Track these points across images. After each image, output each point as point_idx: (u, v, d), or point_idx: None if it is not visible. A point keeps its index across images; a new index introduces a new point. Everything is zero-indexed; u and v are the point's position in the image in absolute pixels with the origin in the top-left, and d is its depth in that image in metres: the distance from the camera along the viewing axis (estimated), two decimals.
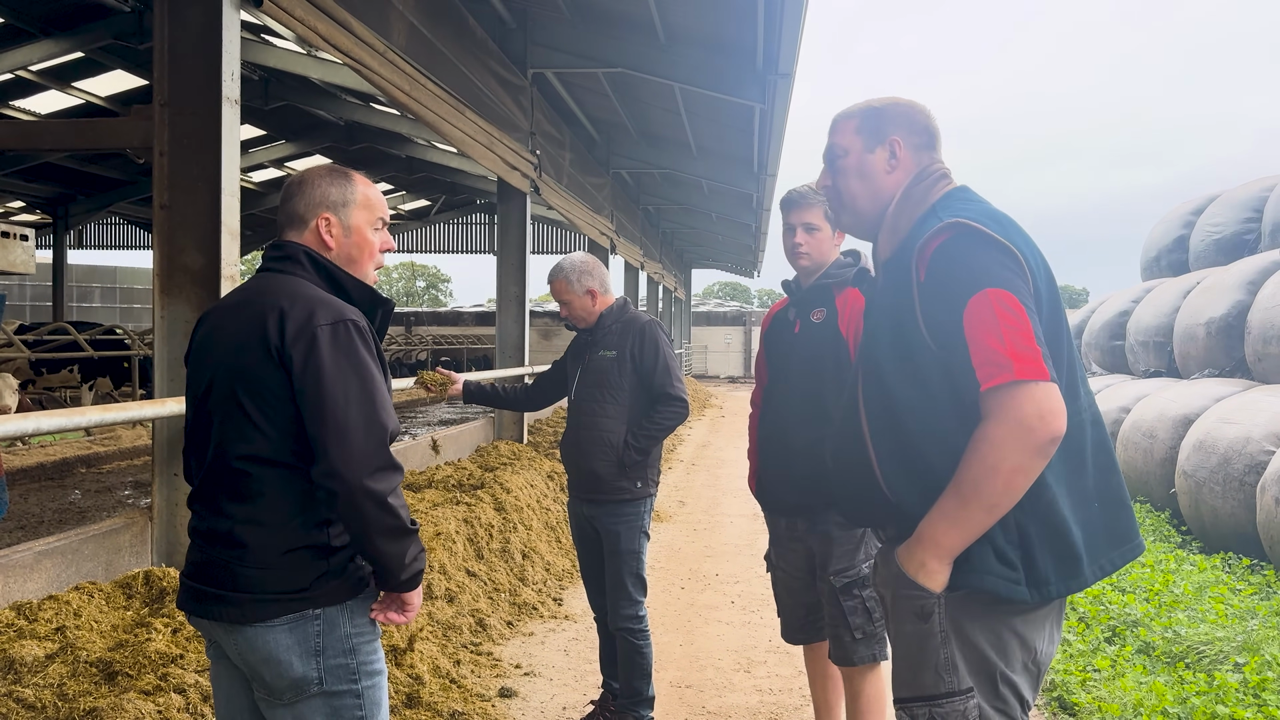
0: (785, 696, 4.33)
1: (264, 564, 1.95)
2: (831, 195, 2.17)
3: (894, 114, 2.10)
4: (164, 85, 4.45)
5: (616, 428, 3.62)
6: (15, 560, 3.78)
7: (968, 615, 1.87)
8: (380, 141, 15.92)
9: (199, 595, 2.00)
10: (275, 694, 1.99)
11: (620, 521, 3.66)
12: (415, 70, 6.63)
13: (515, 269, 10.24)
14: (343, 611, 2.00)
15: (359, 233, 2.13)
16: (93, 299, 30.91)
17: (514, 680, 4.44)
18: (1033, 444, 1.75)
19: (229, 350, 2.00)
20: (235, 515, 1.96)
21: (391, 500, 1.92)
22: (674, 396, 3.68)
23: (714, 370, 41.37)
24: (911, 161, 2.08)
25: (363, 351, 1.96)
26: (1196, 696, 3.82)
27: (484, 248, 31.03)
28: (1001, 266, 1.83)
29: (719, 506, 9.34)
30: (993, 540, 1.82)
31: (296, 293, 2.00)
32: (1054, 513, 1.83)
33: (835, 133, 2.15)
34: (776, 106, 9.16)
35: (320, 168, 2.17)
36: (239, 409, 1.96)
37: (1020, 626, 1.88)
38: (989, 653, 1.87)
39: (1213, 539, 6.69)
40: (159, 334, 4.48)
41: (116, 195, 19.46)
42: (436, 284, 74.67)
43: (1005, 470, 1.76)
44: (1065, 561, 1.84)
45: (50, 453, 10.57)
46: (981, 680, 1.87)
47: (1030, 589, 1.83)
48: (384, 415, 1.95)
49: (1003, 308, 1.78)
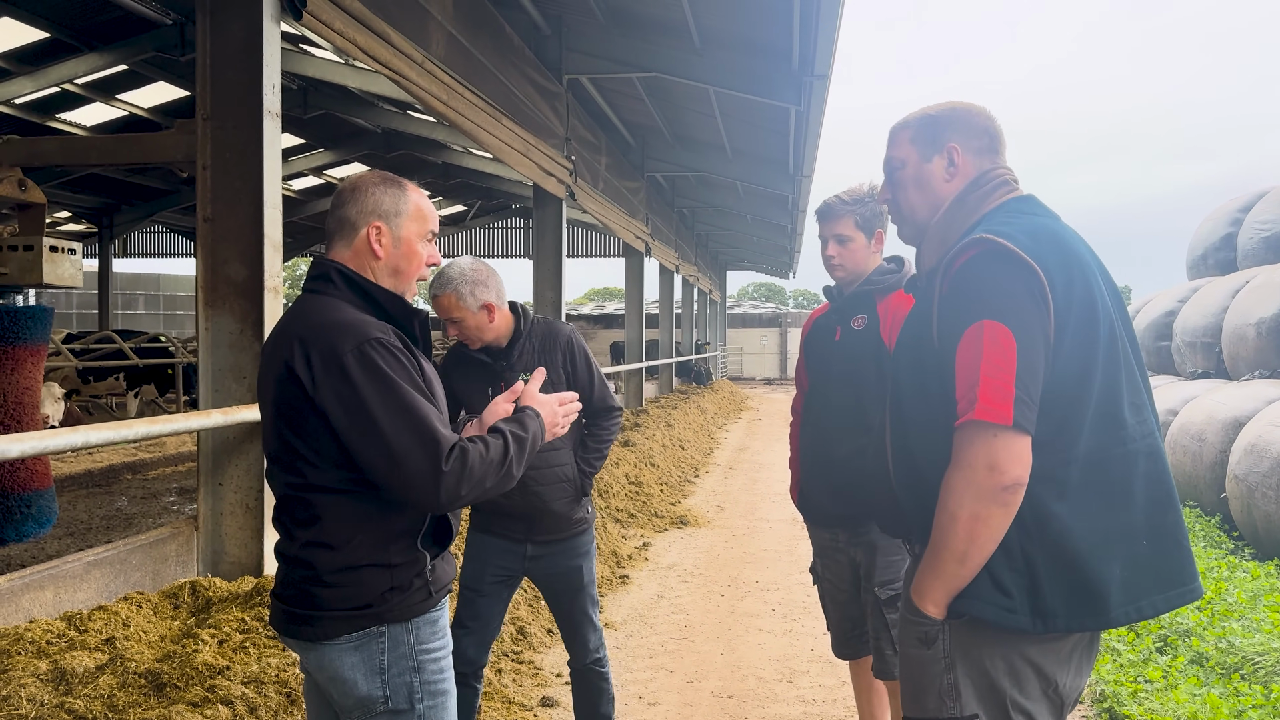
0: (829, 708, 4.28)
1: (329, 583, 1.96)
2: (892, 208, 2.12)
3: (950, 119, 2.03)
4: (206, 99, 4.50)
5: (567, 459, 3.22)
6: (65, 571, 3.84)
7: (978, 643, 1.84)
8: (417, 148, 16.04)
9: (282, 614, 2.04)
10: (345, 712, 2.02)
11: (579, 554, 3.31)
12: (453, 80, 6.66)
13: (551, 274, 10.25)
14: (408, 629, 2.00)
15: (408, 244, 2.11)
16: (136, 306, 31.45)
17: (555, 689, 4.43)
18: (985, 492, 1.72)
19: (269, 385, 2.01)
20: (300, 538, 1.99)
21: (468, 495, 1.92)
22: (614, 408, 3.36)
23: (749, 372, 41.22)
24: (972, 167, 2.00)
25: (389, 370, 1.92)
26: (1254, 710, 3.72)
27: (520, 252, 31.19)
28: (1010, 296, 1.77)
29: (757, 511, 9.28)
30: (992, 567, 1.79)
31: (318, 320, 1.97)
32: (1066, 545, 1.77)
33: (892, 145, 2.09)
34: (812, 108, 9.10)
35: (374, 174, 2.14)
36: (285, 443, 1.98)
37: (1035, 656, 1.83)
38: (1000, 680, 1.83)
39: (1266, 545, 6.53)
40: (203, 345, 4.53)
41: (160, 205, 19.80)
42: None
43: (964, 518, 1.74)
44: (1081, 596, 1.78)
45: (97, 459, 10.75)
46: (991, 707, 1.84)
47: (1034, 618, 1.78)
48: (429, 420, 1.91)
49: (992, 342, 1.74)
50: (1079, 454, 1.78)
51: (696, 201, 20.07)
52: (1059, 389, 1.78)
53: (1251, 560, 6.36)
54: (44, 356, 4.77)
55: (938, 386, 1.84)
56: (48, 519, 4.69)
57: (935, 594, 1.83)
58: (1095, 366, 1.80)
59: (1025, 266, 1.78)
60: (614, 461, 9.38)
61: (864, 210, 3.12)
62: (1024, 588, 1.78)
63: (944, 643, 1.86)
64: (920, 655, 1.89)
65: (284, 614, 2.03)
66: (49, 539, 6.97)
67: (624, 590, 6.29)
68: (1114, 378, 1.82)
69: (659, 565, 7.01)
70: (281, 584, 2.05)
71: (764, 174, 14.48)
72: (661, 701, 4.35)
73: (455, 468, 1.90)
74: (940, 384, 1.84)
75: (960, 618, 1.83)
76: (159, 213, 20.35)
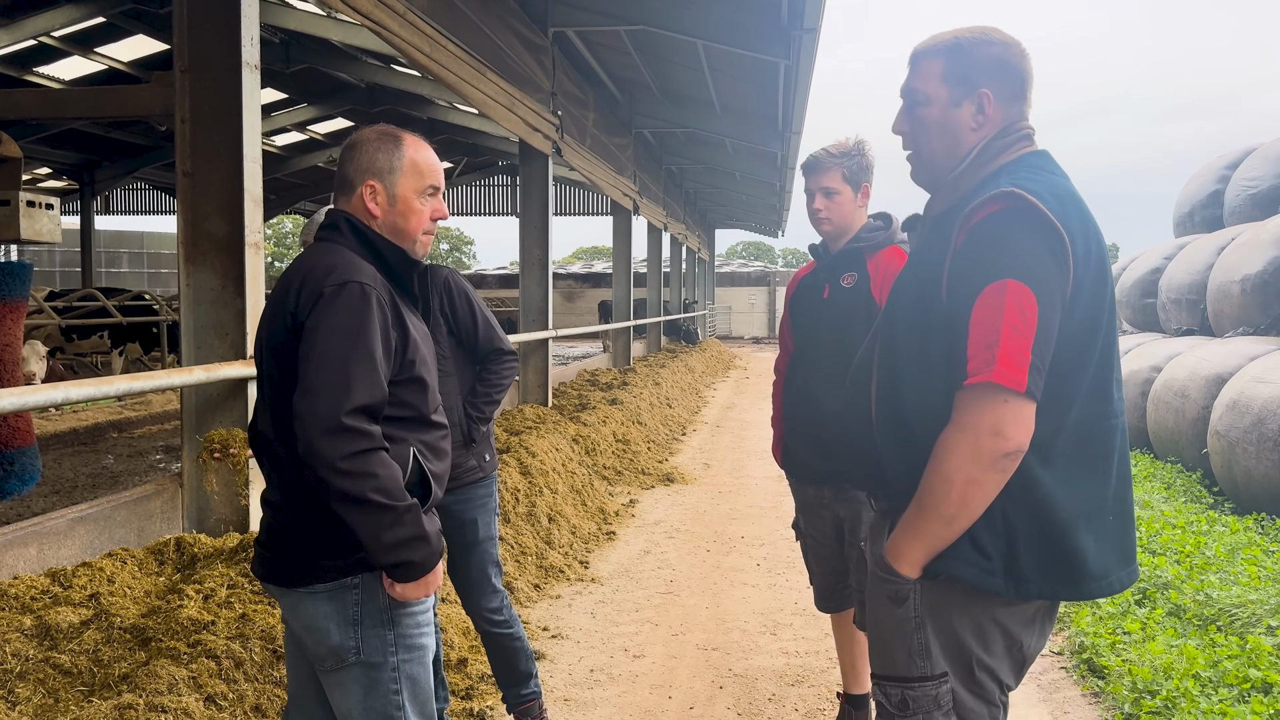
0: (811, 659, 4.34)
1: (302, 532, 1.99)
2: (909, 144, 1.97)
3: (986, 59, 1.87)
4: (184, 51, 4.42)
5: (452, 404, 3.13)
6: (50, 527, 3.83)
7: (947, 603, 1.84)
8: (402, 104, 15.83)
9: (260, 559, 2.06)
10: (318, 661, 2.04)
11: (475, 506, 3.22)
12: (435, 31, 6.55)
13: (538, 231, 10.18)
14: (379, 582, 2.01)
15: (405, 201, 2.09)
16: (121, 264, 31.20)
17: (542, 643, 4.47)
18: (985, 457, 1.69)
19: (264, 322, 2.05)
20: (278, 483, 2.03)
21: (344, 465, 1.83)
22: (505, 350, 3.25)
23: (738, 331, 41.25)
24: (999, 116, 1.88)
25: (363, 314, 1.92)
26: (1229, 660, 3.78)
27: (506, 210, 30.97)
28: (1036, 258, 1.71)
29: (744, 469, 9.33)
30: (973, 529, 1.77)
31: (321, 261, 2.00)
32: (1048, 513, 1.76)
33: (917, 74, 1.92)
34: (801, 63, 9.00)
35: (372, 130, 2.12)
36: (269, 380, 2.00)
37: (1003, 618, 1.84)
38: (968, 640, 1.84)
39: (1245, 500, 6.61)
40: (185, 302, 4.49)
41: (141, 161, 19.55)
42: (460, 246, 74.67)
43: (959, 482, 1.72)
44: (1056, 565, 1.78)
45: (82, 418, 10.71)
46: (957, 666, 1.85)
47: (1007, 581, 1.77)
48: (360, 381, 1.88)
49: (1015, 304, 1.69)
50: (1070, 423, 1.77)
51: (685, 159, 19.90)
52: (1063, 355, 1.75)
53: (1231, 515, 6.44)
54: (23, 313, 4.72)
55: (940, 345, 1.78)
56: (31, 476, 4.67)
57: (914, 554, 1.81)
58: (1098, 336, 1.79)
59: (1052, 229, 1.72)
60: (601, 419, 9.40)
61: (851, 164, 3.10)
62: (1001, 551, 1.77)
63: (914, 602, 1.85)
64: (890, 614, 1.88)
65: (263, 559, 2.05)
66: (34, 497, 6.95)
67: (610, 546, 6.33)
68: (1110, 349, 1.81)
69: (645, 521, 7.05)
70: (265, 529, 2.08)
71: (753, 130, 14.36)
72: (647, 654, 4.40)
73: (353, 425, 1.85)
74: (944, 343, 1.78)
75: (935, 578, 1.82)
76: (141, 169, 20.09)
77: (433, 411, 2.10)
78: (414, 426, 2.05)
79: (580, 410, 9.82)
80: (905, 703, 1.86)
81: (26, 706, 2.80)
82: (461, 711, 3.68)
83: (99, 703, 2.81)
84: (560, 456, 7.21)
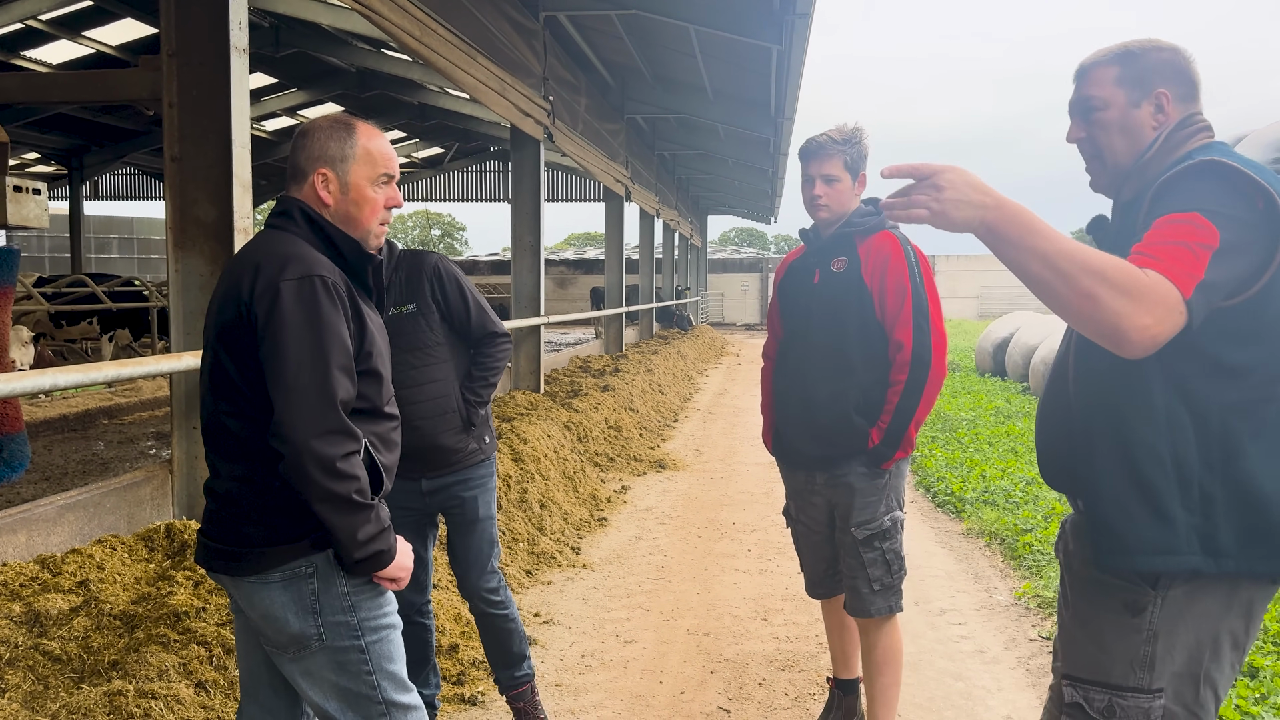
0: (802, 644, 4.36)
1: (254, 519, 1.98)
2: (1087, 150, 1.98)
3: (1159, 63, 1.91)
4: (171, 35, 4.38)
5: (448, 390, 3.13)
6: (38, 514, 3.82)
7: (1186, 617, 1.77)
8: (392, 88, 15.74)
9: (207, 549, 2.05)
10: (279, 648, 2.04)
11: (475, 486, 3.23)
12: (425, 15, 6.51)
13: (529, 217, 10.14)
14: (336, 569, 2.00)
15: (357, 190, 2.07)
16: (110, 250, 31.02)
17: (534, 629, 4.48)
18: (1118, 303, 1.58)
19: (214, 308, 2.02)
20: (226, 472, 2.01)
21: (339, 466, 1.88)
22: (498, 333, 3.24)
23: (730, 318, 41.26)
24: (1177, 114, 1.91)
25: (327, 309, 1.92)
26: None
27: (498, 196, 30.84)
28: (1232, 208, 1.66)
29: (735, 455, 9.35)
30: (1161, 503, 1.71)
31: (276, 250, 1.98)
32: (1252, 484, 1.70)
33: (1090, 83, 1.95)
34: (794, 48, 8.97)
35: (324, 119, 2.11)
36: (220, 367, 1.99)
37: (1236, 627, 1.77)
38: (1204, 655, 1.78)
39: None
40: (173, 287, 4.47)
41: (130, 146, 19.40)
42: (452, 232, 74.45)
43: (1091, 286, 1.59)
44: (1260, 541, 1.71)
45: (73, 404, 10.67)
46: (1185, 682, 1.79)
47: (1205, 558, 1.71)
48: (336, 379, 1.91)
49: (1199, 229, 1.63)
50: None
51: (677, 145, 19.85)
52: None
53: None
54: (10, 299, 4.70)
55: None
56: (19, 463, 4.66)
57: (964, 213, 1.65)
58: None
59: (1253, 184, 1.67)
60: (593, 406, 9.40)
61: (852, 151, 3.08)
62: (1198, 526, 1.72)
63: (1152, 613, 1.78)
64: (1119, 621, 1.81)
65: (209, 550, 2.04)
66: (23, 483, 6.93)
67: (602, 532, 6.34)
68: None
69: (637, 508, 7.06)
70: (208, 520, 2.07)
71: (746, 116, 14.32)
72: (638, 639, 4.41)
73: (342, 425, 1.90)
74: None
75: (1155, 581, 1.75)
76: (130, 154, 19.94)
77: (385, 404, 2.10)
78: (368, 419, 2.04)
79: (572, 397, 9.81)
80: (1112, 709, 1.81)
81: (16, 693, 2.80)
82: (453, 697, 3.69)
83: (89, 689, 2.81)
84: (552, 443, 7.21)
